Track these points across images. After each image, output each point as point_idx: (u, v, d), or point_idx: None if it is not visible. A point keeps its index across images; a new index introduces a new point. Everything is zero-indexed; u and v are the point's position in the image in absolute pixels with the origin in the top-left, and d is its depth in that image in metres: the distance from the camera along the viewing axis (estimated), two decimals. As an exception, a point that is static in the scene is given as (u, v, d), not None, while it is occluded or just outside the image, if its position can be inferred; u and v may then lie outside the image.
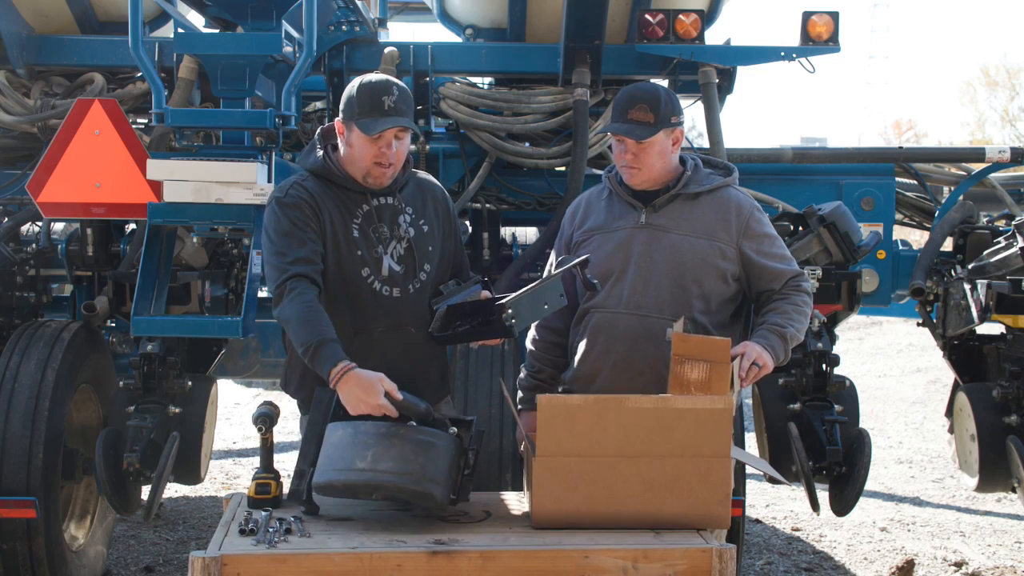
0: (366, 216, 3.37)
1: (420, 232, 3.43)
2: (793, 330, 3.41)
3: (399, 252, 3.38)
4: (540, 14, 5.39)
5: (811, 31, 5.12)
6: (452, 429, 2.98)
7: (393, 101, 3.28)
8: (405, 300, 3.37)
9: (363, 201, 3.38)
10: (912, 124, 44.69)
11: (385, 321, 3.35)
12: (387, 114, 3.27)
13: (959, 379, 5.62)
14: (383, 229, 3.37)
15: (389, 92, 3.29)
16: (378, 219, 3.37)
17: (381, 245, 3.36)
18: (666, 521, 2.89)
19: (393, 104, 3.28)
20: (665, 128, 3.47)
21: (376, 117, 3.26)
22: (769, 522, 6.71)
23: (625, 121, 3.46)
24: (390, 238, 3.38)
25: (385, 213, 3.39)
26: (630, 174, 3.52)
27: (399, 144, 3.34)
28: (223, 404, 8.79)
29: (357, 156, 3.33)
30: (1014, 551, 6.13)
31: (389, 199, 3.41)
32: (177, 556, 5.74)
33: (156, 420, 4.44)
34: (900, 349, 14.76)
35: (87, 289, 5.20)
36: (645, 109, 3.45)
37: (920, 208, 6.04)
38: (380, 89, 3.29)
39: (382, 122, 3.26)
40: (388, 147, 3.30)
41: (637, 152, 3.47)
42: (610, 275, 3.52)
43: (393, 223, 3.40)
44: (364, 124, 3.26)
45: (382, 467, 2.82)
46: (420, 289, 3.40)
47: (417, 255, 3.40)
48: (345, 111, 3.34)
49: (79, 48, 5.30)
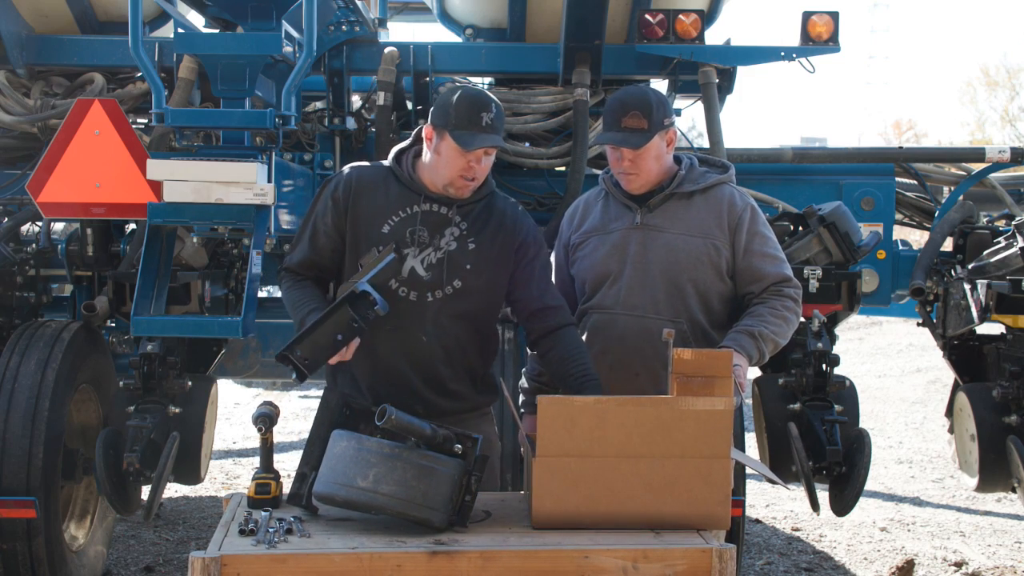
0: (409, 217, 3.34)
1: (463, 247, 3.35)
2: (766, 330, 3.38)
3: (431, 260, 3.33)
4: (540, 14, 5.40)
5: (811, 31, 5.12)
6: (457, 446, 2.96)
7: (491, 119, 3.24)
8: (420, 306, 3.32)
9: (415, 202, 3.35)
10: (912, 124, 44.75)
11: (394, 321, 3.32)
12: (484, 131, 3.23)
13: (959, 379, 5.62)
14: (422, 233, 3.33)
15: (488, 109, 3.25)
16: (421, 222, 3.33)
17: (415, 247, 3.32)
18: (666, 522, 2.89)
19: (491, 122, 3.24)
20: (659, 132, 3.46)
21: (474, 132, 3.22)
22: (769, 522, 6.72)
23: (619, 130, 3.44)
24: (428, 244, 3.33)
25: (431, 219, 3.35)
26: (628, 181, 3.51)
27: (487, 159, 3.31)
28: (223, 404, 8.79)
29: (443, 165, 3.29)
30: (1014, 551, 6.14)
31: (443, 208, 3.36)
32: (177, 556, 5.74)
33: (156, 420, 4.44)
34: (900, 349, 14.78)
35: (87, 289, 5.20)
36: (638, 116, 3.43)
37: (920, 208, 6.04)
38: (480, 104, 3.25)
39: (480, 139, 3.22)
40: (478, 163, 3.27)
41: (634, 159, 3.46)
42: (607, 277, 3.52)
43: (436, 231, 3.34)
44: (460, 137, 3.22)
45: (383, 490, 2.82)
46: (442, 300, 3.33)
47: (448, 267, 3.32)
48: (439, 118, 3.28)
49: (79, 48, 5.30)
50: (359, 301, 3.13)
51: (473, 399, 3.48)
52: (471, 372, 3.46)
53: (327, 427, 3.08)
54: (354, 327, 3.13)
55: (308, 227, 3.43)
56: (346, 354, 3.17)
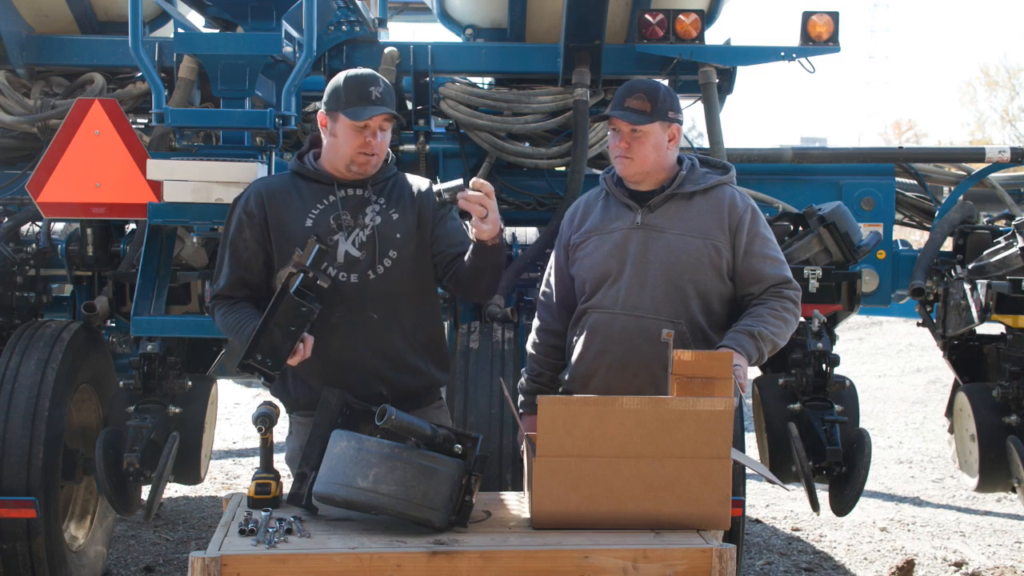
0: (329, 205, 3.42)
1: (388, 220, 3.43)
2: (765, 330, 3.38)
3: (361, 239, 3.40)
4: (540, 14, 5.39)
5: (811, 31, 5.12)
6: (457, 447, 2.96)
7: (380, 92, 3.37)
8: (364, 286, 3.38)
9: (329, 192, 3.44)
10: (912, 124, 44.73)
11: (342, 307, 3.37)
12: (374, 103, 3.35)
13: (959, 379, 5.62)
14: (345, 217, 3.41)
15: (375, 83, 3.39)
16: (342, 207, 3.41)
17: (343, 232, 3.39)
18: (666, 522, 2.89)
19: (380, 95, 3.37)
20: (661, 121, 3.47)
21: (364, 105, 3.34)
22: (769, 522, 6.71)
23: (622, 108, 3.49)
24: (354, 226, 3.41)
25: (351, 202, 3.43)
26: (623, 164, 3.52)
27: (383, 135, 3.41)
28: (223, 404, 8.79)
29: (342, 145, 3.39)
30: (1014, 551, 6.14)
31: (359, 190, 3.45)
32: (177, 556, 5.74)
33: (156, 420, 4.44)
34: (900, 349, 14.78)
35: (87, 289, 5.20)
36: (643, 98, 3.47)
37: (920, 208, 6.04)
38: (367, 80, 3.39)
39: (370, 110, 3.34)
40: (374, 136, 3.38)
41: (631, 142, 3.48)
42: (607, 276, 3.51)
43: (359, 211, 3.43)
44: (352, 112, 3.34)
45: (383, 490, 2.82)
46: (384, 276, 3.40)
47: (380, 242, 3.40)
48: (331, 102, 3.41)
49: (79, 48, 5.30)
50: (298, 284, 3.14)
51: (431, 374, 3.54)
52: (425, 344, 3.52)
53: (327, 427, 3.09)
54: (303, 311, 3.14)
55: (226, 250, 3.47)
56: (304, 351, 3.20)
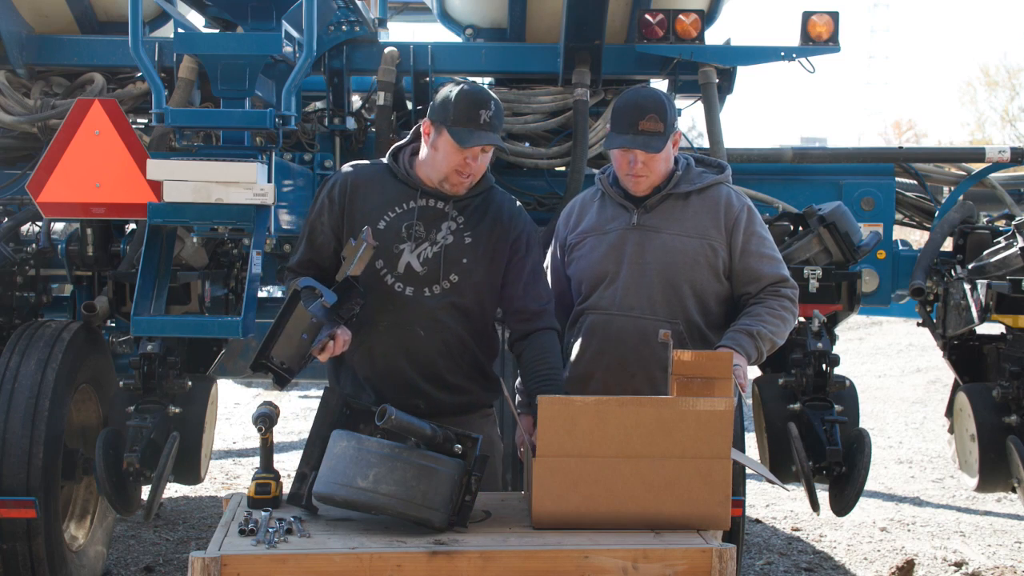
0: (407, 212, 3.34)
1: (459, 242, 3.35)
2: (764, 329, 3.37)
3: (427, 255, 3.33)
4: (540, 14, 5.39)
5: (811, 31, 5.12)
6: (457, 447, 2.96)
7: (489, 116, 3.25)
8: (417, 301, 3.33)
9: (411, 197, 3.36)
10: (912, 124, 44.73)
11: (391, 316, 3.33)
12: (482, 128, 3.23)
13: (959, 379, 5.62)
14: (418, 228, 3.33)
15: (487, 106, 3.25)
16: (418, 216, 3.34)
17: (411, 242, 3.32)
18: (666, 522, 2.89)
19: (489, 120, 3.25)
20: (672, 134, 3.47)
21: (471, 129, 3.22)
22: (769, 522, 6.71)
23: (637, 133, 3.41)
24: (424, 239, 3.33)
25: (427, 213, 3.35)
26: (637, 183, 3.49)
27: (483, 157, 3.31)
28: (223, 404, 8.79)
29: (440, 160, 3.29)
30: (1014, 551, 6.14)
31: (440, 203, 3.36)
32: (177, 556, 5.74)
33: (156, 420, 4.44)
34: (900, 349, 14.78)
35: (87, 289, 5.19)
36: (655, 119, 3.40)
37: (920, 208, 6.04)
38: (480, 102, 3.25)
39: (476, 136, 3.23)
40: (474, 160, 3.28)
41: (647, 162, 3.45)
42: (604, 277, 3.51)
43: (433, 225, 3.34)
44: (457, 134, 3.22)
45: (383, 490, 2.82)
46: (439, 296, 3.33)
47: (444, 263, 3.32)
48: (438, 114, 3.28)
49: (79, 48, 5.29)
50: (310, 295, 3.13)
51: (475, 393, 3.48)
52: (471, 366, 3.46)
53: (327, 427, 3.09)
54: (314, 323, 3.12)
55: (307, 227, 3.45)
56: (334, 348, 3.16)
